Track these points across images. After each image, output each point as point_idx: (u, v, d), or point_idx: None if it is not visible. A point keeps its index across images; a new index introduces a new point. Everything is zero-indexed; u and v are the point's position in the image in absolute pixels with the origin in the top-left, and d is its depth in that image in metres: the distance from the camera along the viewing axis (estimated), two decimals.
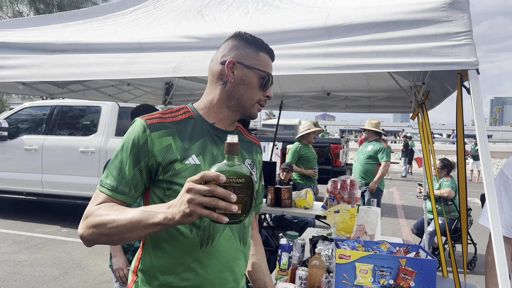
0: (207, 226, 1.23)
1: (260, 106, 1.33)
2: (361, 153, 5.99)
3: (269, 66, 1.33)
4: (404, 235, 7.04)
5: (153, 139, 1.20)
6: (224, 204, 0.91)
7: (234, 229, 1.29)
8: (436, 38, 1.70)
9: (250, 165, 1.41)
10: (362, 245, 2.14)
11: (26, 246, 5.61)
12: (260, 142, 1.58)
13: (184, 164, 1.22)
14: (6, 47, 2.49)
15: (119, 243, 1.12)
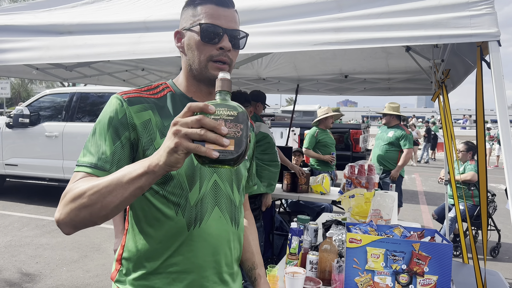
0: (194, 206, 1.16)
1: (217, 64, 1.15)
2: (381, 139, 5.79)
3: (212, 15, 1.15)
4: (425, 222, 6.89)
5: (132, 113, 1.12)
6: (213, 136, 0.80)
7: (224, 209, 1.22)
8: (453, 8, 1.58)
9: None
10: (375, 229, 2.06)
11: (48, 230, 5.73)
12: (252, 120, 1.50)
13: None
14: (15, 30, 2.48)
15: (101, 217, 0.98)
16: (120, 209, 0.97)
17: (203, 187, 1.17)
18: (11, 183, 8.27)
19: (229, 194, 1.23)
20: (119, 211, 0.98)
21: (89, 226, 1.01)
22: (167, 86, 1.24)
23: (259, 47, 1.91)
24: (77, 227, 1.01)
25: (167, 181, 1.14)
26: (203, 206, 1.16)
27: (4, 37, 2.50)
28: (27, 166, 7.27)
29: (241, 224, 1.31)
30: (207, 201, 1.18)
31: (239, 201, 1.29)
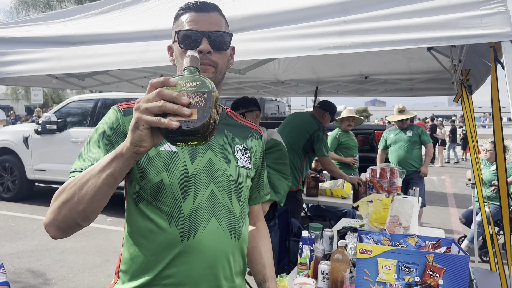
0: (188, 217, 1.13)
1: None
2: (401, 140, 5.74)
3: (191, 21, 1.16)
4: (454, 225, 6.66)
5: (125, 123, 1.13)
6: (172, 105, 0.78)
7: (222, 220, 1.18)
8: (463, 8, 1.50)
9: (242, 151, 1.29)
10: (388, 239, 1.98)
11: (73, 234, 5.86)
12: (259, 128, 1.46)
13: (158, 151, 1.13)
14: (30, 41, 2.54)
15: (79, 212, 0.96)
16: (97, 204, 0.96)
17: (198, 197, 1.15)
18: (40, 188, 8.53)
19: (227, 204, 1.20)
20: (96, 206, 0.97)
21: (72, 227, 1.01)
22: None
23: (264, 53, 1.88)
24: (60, 227, 1.01)
25: (160, 191, 1.13)
26: (197, 217, 1.14)
27: (20, 48, 2.56)
28: (55, 171, 7.47)
29: (243, 236, 1.26)
30: (203, 212, 1.15)
31: (240, 212, 1.25)
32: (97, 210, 0.98)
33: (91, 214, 0.99)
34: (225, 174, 1.21)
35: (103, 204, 0.99)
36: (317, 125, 4.10)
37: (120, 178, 0.94)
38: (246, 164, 1.28)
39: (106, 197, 0.97)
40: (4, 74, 2.46)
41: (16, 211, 7.09)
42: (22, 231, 5.93)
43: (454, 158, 16.48)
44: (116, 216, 6.80)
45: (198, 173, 1.16)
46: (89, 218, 0.99)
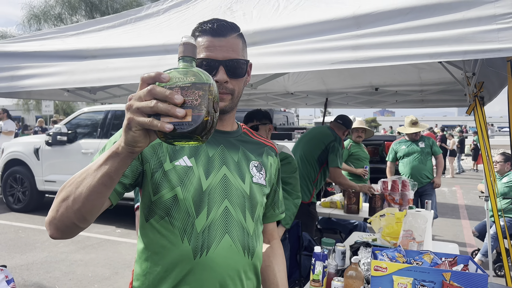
0: (201, 233, 1.11)
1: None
2: (414, 152, 5.66)
3: (208, 47, 1.14)
4: (466, 238, 6.55)
5: None
6: (165, 107, 0.73)
7: (236, 237, 1.16)
8: (479, 22, 1.48)
9: (257, 167, 1.28)
10: (403, 255, 1.94)
11: (82, 246, 5.86)
12: (274, 144, 1.44)
13: (173, 165, 1.13)
14: (43, 55, 2.56)
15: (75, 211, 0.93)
16: (92, 204, 0.93)
17: (211, 213, 1.13)
18: (50, 199, 8.57)
19: (241, 221, 1.18)
20: (91, 206, 0.93)
21: (70, 227, 0.97)
22: None
23: (276, 67, 1.87)
24: (58, 227, 0.98)
25: (173, 206, 1.12)
26: (210, 233, 1.12)
27: (33, 62, 2.58)
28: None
29: (257, 253, 1.24)
30: (216, 228, 1.13)
31: (254, 230, 1.23)
32: (93, 211, 0.95)
33: (87, 215, 0.95)
34: (239, 190, 1.20)
35: (99, 205, 0.95)
36: (334, 136, 4.05)
37: (116, 178, 0.90)
38: (261, 181, 1.27)
39: (102, 197, 0.93)
40: (17, 88, 2.48)
41: (26, 222, 7.11)
42: (32, 243, 5.94)
43: (457, 169, 16.31)
44: (126, 228, 6.79)
45: (213, 189, 1.15)
46: (85, 219, 0.96)
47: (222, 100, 1.16)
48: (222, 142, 1.23)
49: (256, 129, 2.94)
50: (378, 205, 4.27)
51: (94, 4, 18.65)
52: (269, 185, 1.35)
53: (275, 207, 1.44)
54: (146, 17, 2.91)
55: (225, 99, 1.17)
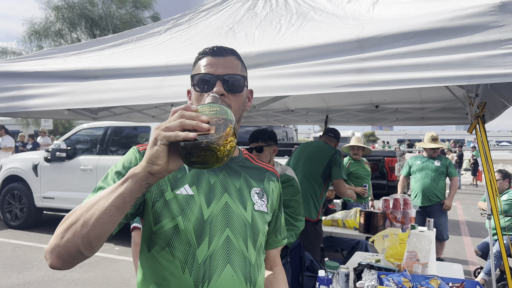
0: (202, 263, 1.09)
1: None
2: (428, 169, 5.53)
3: (206, 65, 1.18)
4: (468, 256, 6.49)
5: None
6: (190, 121, 0.82)
7: (237, 267, 1.13)
8: (484, 47, 1.48)
9: (259, 194, 1.27)
10: (409, 280, 1.91)
11: (80, 264, 5.78)
12: (275, 169, 1.42)
13: (174, 194, 1.12)
14: (44, 76, 2.55)
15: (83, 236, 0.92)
16: (102, 228, 0.92)
17: (213, 242, 1.11)
18: (48, 216, 8.50)
19: (243, 251, 1.16)
20: (100, 231, 0.92)
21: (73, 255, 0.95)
22: None
23: (279, 90, 1.86)
24: (61, 255, 0.96)
25: (174, 236, 1.10)
26: (212, 263, 1.10)
27: (34, 83, 2.57)
28: (63, 199, 7.45)
29: (258, 284, 1.21)
30: (218, 258, 1.11)
31: (256, 259, 1.21)
32: (101, 236, 0.94)
33: (95, 241, 0.94)
34: (241, 218, 1.18)
35: (107, 230, 0.94)
36: (334, 149, 4.09)
37: (129, 202, 0.91)
38: (262, 208, 1.25)
39: (113, 221, 0.92)
40: (19, 109, 2.47)
41: (23, 240, 7.03)
42: (29, 261, 5.86)
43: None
44: (124, 245, 6.72)
45: (214, 217, 1.14)
46: (91, 246, 0.94)
47: None
48: (224, 169, 1.22)
49: (261, 150, 2.91)
50: (380, 223, 4.22)
51: (94, 21, 18.81)
52: (271, 212, 1.33)
53: (277, 233, 1.43)
54: (147, 36, 2.92)
55: None
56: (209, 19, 2.85)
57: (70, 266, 0.98)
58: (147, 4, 19.92)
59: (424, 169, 5.56)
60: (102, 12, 19.17)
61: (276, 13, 2.61)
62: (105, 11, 19.24)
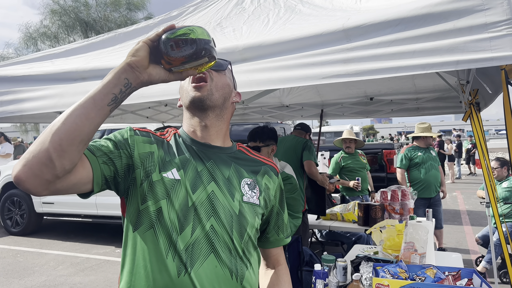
0: (184, 250, 1.07)
1: (194, 84, 1.17)
2: (432, 160, 5.44)
3: None
4: (470, 245, 6.48)
5: (136, 141, 1.14)
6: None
7: (222, 259, 1.10)
8: (470, 31, 1.46)
9: (250, 185, 1.23)
10: (406, 271, 1.89)
11: (82, 268, 5.77)
12: (275, 164, 1.37)
13: (161, 177, 1.12)
14: (32, 79, 2.53)
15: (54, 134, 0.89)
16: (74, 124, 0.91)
17: (196, 230, 1.09)
18: (49, 221, 8.49)
19: (227, 242, 1.13)
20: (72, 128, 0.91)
21: (41, 161, 0.88)
22: (175, 131, 1.27)
23: (267, 84, 1.84)
24: (28, 161, 0.89)
25: (157, 219, 1.09)
26: (194, 251, 1.08)
27: (22, 87, 2.55)
28: (63, 203, 7.43)
29: (247, 278, 1.17)
30: (201, 247, 1.09)
31: (243, 252, 1.17)
32: (72, 134, 0.90)
33: (65, 139, 0.89)
34: (227, 208, 1.15)
35: (81, 127, 0.91)
36: (304, 139, 4.33)
37: (105, 95, 0.96)
38: (253, 200, 1.22)
39: (86, 116, 0.92)
40: (6, 113, 2.45)
41: (24, 246, 7.02)
42: (31, 267, 5.85)
43: (457, 174, 16.24)
44: None
45: (199, 204, 1.12)
46: (61, 147, 0.89)
47: (198, 89, 1.17)
48: (212, 157, 1.20)
49: (258, 151, 2.88)
50: (379, 215, 4.20)
51: (88, 24, 18.76)
52: (265, 206, 1.28)
53: (279, 231, 1.37)
54: (135, 33, 2.89)
55: (202, 87, 1.17)
56: (196, 15, 2.83)
57: (36, 179, 0.90)
58: (139, 5, 19.86)
59: (428, 160, 5.43)
60: (96, 16, 19.13)
61: (264, 7, 2.59)
62: (99, 14, 19.20)
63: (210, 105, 1.19)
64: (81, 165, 1.00)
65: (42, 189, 0.91)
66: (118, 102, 1.00)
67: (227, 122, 1.26)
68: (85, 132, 0.93)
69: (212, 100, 1.19)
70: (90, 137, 0.95)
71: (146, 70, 0.98)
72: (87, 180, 1.03)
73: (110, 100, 0.96)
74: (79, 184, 1.00)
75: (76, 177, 0.98)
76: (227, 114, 1.26)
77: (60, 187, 0.95)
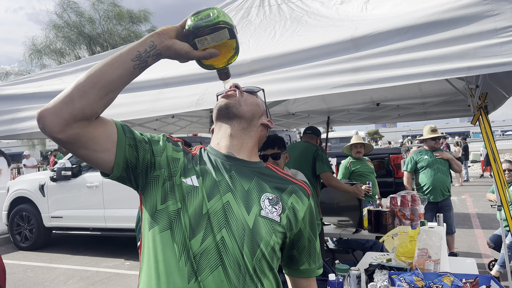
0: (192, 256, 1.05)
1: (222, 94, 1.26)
2: (439, 163, 5.33)
3: None
4: (481, 248, 6.41)
5: (167, 146, 1.17)
6: None
7: (230, 274, 1.05)
8: (481, 37, 1.46)
9: (271, 201, 1.15)
10: (422, 279, 1.87)
11: (91, 282, 5.77)
12: (307, 186, 1.27)
13: (181, 181, 1.12)
14: (42, 96, 2.55)
15: (81, 80, 0.99)
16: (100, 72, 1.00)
17: (206, 239, 1.06)
18: (57, 235, 8.50)
19: (237, 256, 1.06)
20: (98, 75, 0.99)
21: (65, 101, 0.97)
22: (202, 147, 1.28)
23: (276, 95, 1.84)
24: (50, 104, 0.97)
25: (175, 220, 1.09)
26: (202, 261, 1.05)
27: (32, 104, 2.56)
28: (71, 217, 7.45)
29: None
30: (209, 258, 1.05)
31: (254, 269, 1.08)
32: (95, 79, 0.98)
33: (87, 84, 0.98)
34: (240, 221, 1.09)
35: (103, 74, 0.99)
36: (315, 146, 4.17)
37: (129, 53, 1.03)
38: (271, 216, 1.13)
39: (110, 67, 1.01)
40: (18, 131, 2.47)
41: (34, 261, 7.03)
42: (41, 282, 5.85)
43: (465, 177, 16.12)
44: (135, 260, 6.70)
45: (213, 214, 1.09)
46: (84, 90, 0.97)
47: (227, 97, 1.22)
48: (234, 169, 1.17)
49: (278, 157, 2.89)
50: (389, 222, 4.16)
51: (92, 38, 18.93)
52: (289, 226, 1.18)
53: (310, 261, 1.25)
54: None
55: (230, 96, 1.22)
56: None
57: (55, 117, 0.96)
58: (142, 18, 20.04)
59: (435, 164, 5.33)
60: (100, 31, 19.31)
61: (270, 19, 2.61)
62: (103, 28, 19.39)
63: (236, 114, 1.20)
64: (103, 125, 1.05)
65: (58, 129, 0.97)
66: (142, 60, 1.05)
67: (254, 139, 1.25)
68: (107, 78, 1.00)
69: (239, 110, 1.21)
70: (112, 87, 1.01)
71: (171, 39, 1.07)
72: (107, 145, 1.05)
73: (134, 56, 1.03)
74: (97, 144, 1.03)
75: (94, 132, 1.02)
76: (255, 132, 1.25)
77: (76, 133, 0.98)
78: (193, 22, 1.07)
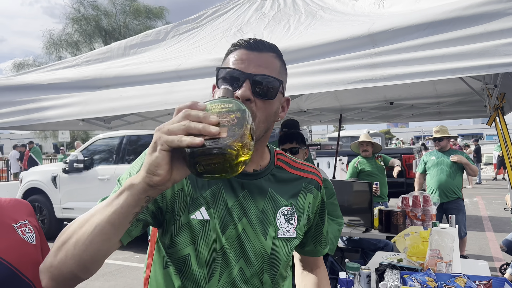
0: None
1: None
2: (443, 164, 5.29)
3: (237, 59, 1.00)
4: (493, 251, 6.33)
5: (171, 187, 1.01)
6: (196, 124, 0.67)
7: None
8: (502, 35, 1.42)
9: (287, 216, 1.09)
10: (434, 279, 1.85)
11: (101, 273, 5.82)
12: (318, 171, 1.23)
13: (189, 219, 0.99)
14: (57, 87, 2.56)
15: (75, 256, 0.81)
16: (96, 248, 0.80)
17: (223, 275, 1.01)
18: None
19: (256, 285, 1.04)
20: (94, 252, 0.81)
21: (68, 278, 0.83)
22: None
23: (290, 90, 1.82)
24: (54, 276, 0.83)
25: (186, 265, 1.00)
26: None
27: (46, 95, 2.58)
28: (83, 209, 7.51)
29: None
30: None
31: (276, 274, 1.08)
32: (96, 257, 0.82)
33: (89, 263, 0.82)
34: (258, 249, 1.04)
35: (104, 250, 0.82)
36: None
37: (125, 218, 0.79)
38: (288, 234, 1.09)
39: (108, 241, 0.80)
40: (33, 121, 2.49)
41: None
42: None
43: (477, 179, 15.89)
44: (144, 253, 6.73)
45: (228, 247, 1.01)
46: (86, 268, 0.83)
47: None
48: (246, 186, 1.05)
49: (296, 152, 2.80)
50: (400, 222, 4.12)
51: (108, 32, 19.09)
52: (303, 230, 1.17)
53: (316, 243, 1.27)
54: (155, 42, 2.92)
55: None
56: (216, 21, 2.85)
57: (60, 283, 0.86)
58: (159, 14, 20.17)
59: (440, 165, 5.32)
60: (116, 25, 19.47)
61: (285, 13, 2.59)
62: (118, 22, 19.55)
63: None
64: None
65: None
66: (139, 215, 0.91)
67: (266, 139, 1.10)
68: (108, 250, 0.84)
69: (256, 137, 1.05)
70: (113, 250, 0.87)
71: (170, 180, 0.75)
72: (115, 248, 0.90)
73: (132, 218, 0.81)
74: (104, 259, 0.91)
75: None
76: (268, 133, 1.08)
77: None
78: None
